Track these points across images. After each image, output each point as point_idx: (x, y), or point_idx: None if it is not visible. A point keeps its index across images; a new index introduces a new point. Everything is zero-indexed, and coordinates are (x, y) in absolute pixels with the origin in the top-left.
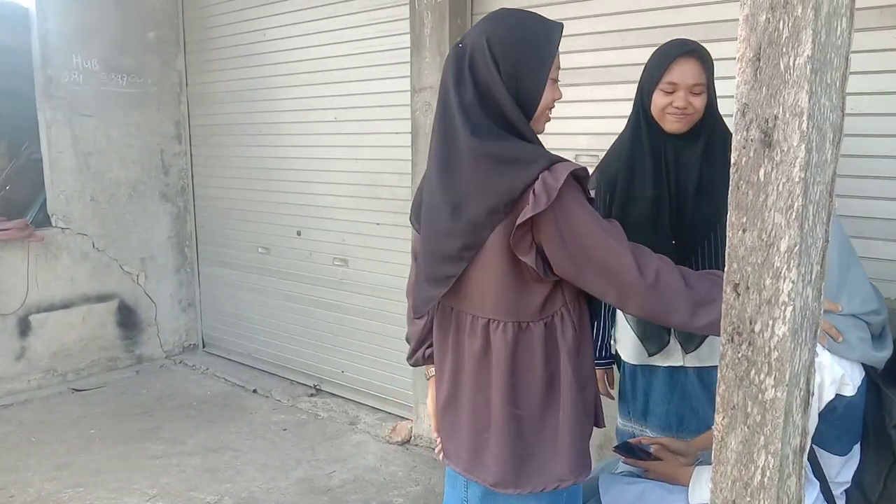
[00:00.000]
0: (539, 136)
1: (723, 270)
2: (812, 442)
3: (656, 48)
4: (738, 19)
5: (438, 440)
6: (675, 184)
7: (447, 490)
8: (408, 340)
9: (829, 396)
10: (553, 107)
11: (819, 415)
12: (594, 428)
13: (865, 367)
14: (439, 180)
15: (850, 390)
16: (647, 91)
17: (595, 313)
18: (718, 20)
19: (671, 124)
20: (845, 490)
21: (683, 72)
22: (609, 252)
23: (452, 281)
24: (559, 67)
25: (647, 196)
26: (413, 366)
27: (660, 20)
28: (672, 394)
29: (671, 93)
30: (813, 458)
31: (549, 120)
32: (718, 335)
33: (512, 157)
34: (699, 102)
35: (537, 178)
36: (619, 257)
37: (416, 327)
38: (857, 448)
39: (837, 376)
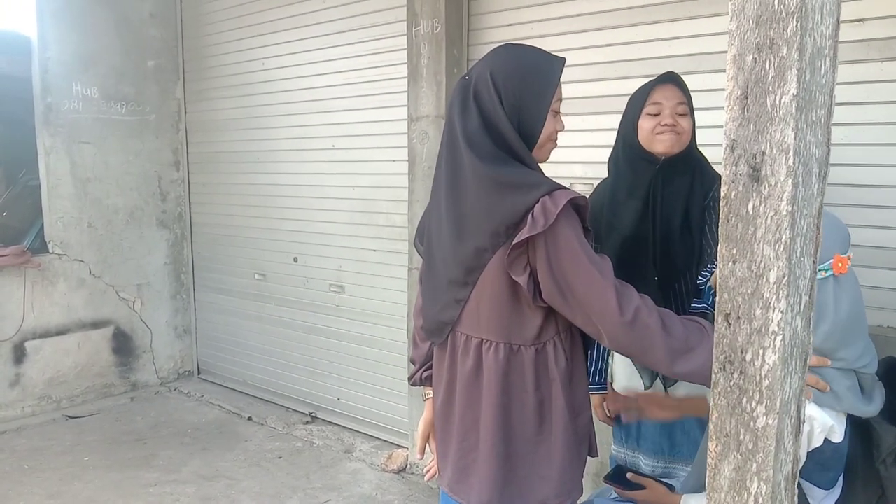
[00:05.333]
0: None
1: (704, 303)
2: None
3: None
4: (724, 52)
5: (430, 462)
6: (660, 220)
7: None
8: (412, 362)
9: (817, 443)
10: (556, 137)
11: (807, 453)
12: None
13: None
14: (445, 205)
15: (837, 437)
16: (632, 123)
17: (589, 343)
18: (706, 52)
19: (662, 144)
20: None
21: (666, 94)
22: (592, 284)
23: (462, 305)
24: (561, 99)
25: (627, 235)
26: (412, 385)
27: (651, 52)
28: (674, 426)
29: (657, 114)
30: (798, 489)
31: (554, 147)
32: (698, 383)
33: (514, 182)
34: (686, 123)
35: (537, 203)
36: (601, 291)
37: (420, 350)
38: (840, 479)
39: (827, 426)
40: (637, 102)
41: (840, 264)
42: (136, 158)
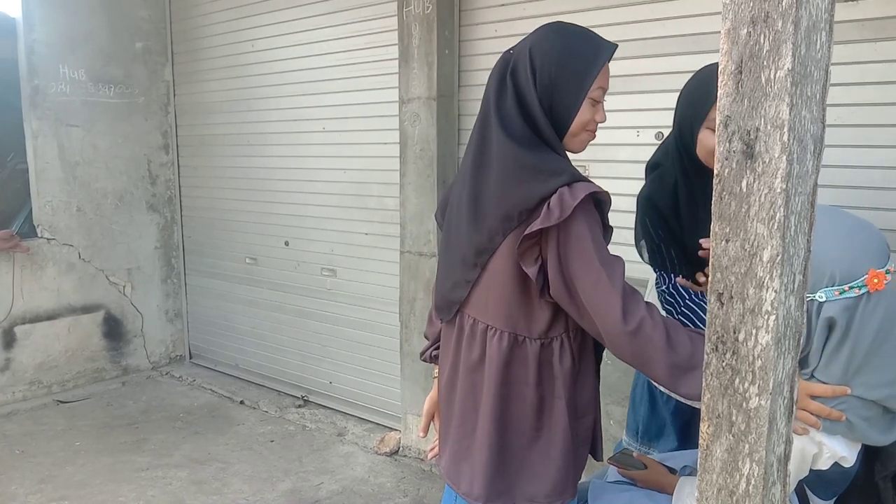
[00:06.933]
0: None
1: None
2: (802, 482)
3: (690, 81)
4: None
5: (434, 440)
6: None
7: (445, 494)
8: (426, 337)
9: (823, 467)
10: (593, 129)
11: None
12: (592, 458)
13: None
14: (468, 181)
15: (847, 464)
16: (690, 131)
17: (601, 347)
18: (705, 32)
19: None
20: None
21: None
22: (598, 286)
23: (470, 285)
24: (604, 88)
25: (694, 246)
26: (423, 361)
27: (647, 32)
28: (692, 424)
29: None
30: (801, 492)
31: (592, 139)
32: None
33: (535, 165)
34: None
35: (555, 192)
36: (607, 295)
37: (434, 327)
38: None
39: (837, 456)
40: (697, 110)
41: (876, 280)
42: (124, 142)
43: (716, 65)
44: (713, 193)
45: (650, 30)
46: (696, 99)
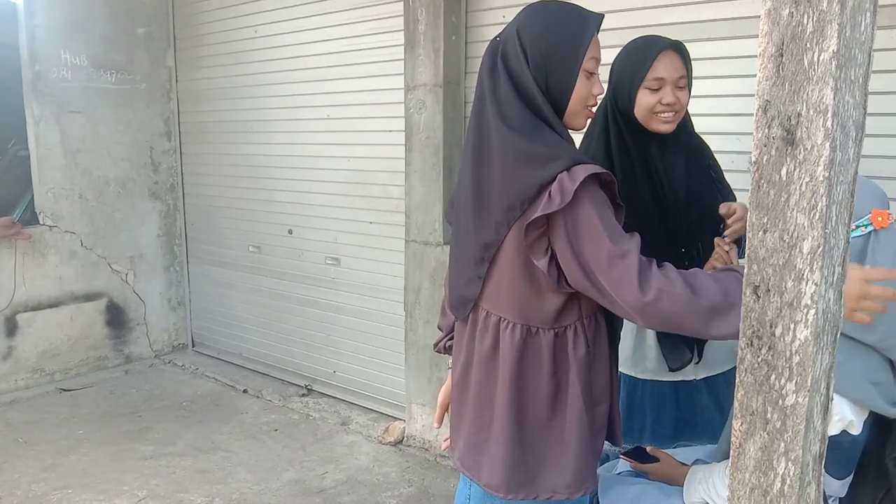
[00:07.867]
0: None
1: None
2: None
3: (625, 48)
4: (728, 19)
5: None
6: (668, 190)
7: (460, 482)
8: (439, 329)
9: (833, 432)
10: (593, 102)
11: None
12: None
13: None
14: (470, 175)
15: (855, 431)
16: (628, 91)
17: (615, 332)
18: (710, 19)
19: (661, 124)
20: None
21: (668, 66)
22: (612, 265)
23: (481, 281)
24: (597, 59)
25: (648, 206)
26: (437, 353)
27: (652, 19)
28: (679, 408)
29: (658, 90)
30: None
31: (590, 116)
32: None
33: (532, 152)
34: (685, 97)
35: (555, 179)
36: (622, 271)
37: (448, 319)
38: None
39: (846, 420)
40: (636, 71)
41: (880, 218)
42: (126, 128)
43: (649, 36)
44: (751, 182)
45: (658, 16)
46: (635, 62)
